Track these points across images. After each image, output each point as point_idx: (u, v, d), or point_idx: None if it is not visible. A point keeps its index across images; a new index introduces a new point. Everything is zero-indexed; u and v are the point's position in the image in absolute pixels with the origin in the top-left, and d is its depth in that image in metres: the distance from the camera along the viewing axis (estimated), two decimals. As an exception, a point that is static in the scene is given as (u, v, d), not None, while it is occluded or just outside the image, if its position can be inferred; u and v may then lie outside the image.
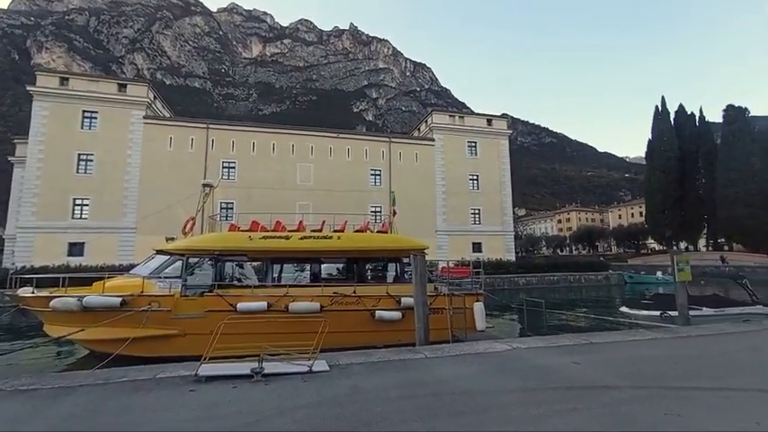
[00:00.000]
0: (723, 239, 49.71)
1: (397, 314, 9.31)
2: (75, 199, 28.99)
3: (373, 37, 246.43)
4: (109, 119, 30.56)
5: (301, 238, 10.24)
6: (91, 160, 29.76)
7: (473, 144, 40.30)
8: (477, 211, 38.81)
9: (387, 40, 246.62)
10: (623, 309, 11.54)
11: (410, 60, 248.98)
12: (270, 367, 4.39)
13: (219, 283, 9.31)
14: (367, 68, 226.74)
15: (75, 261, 26.09)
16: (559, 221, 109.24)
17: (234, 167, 33.44)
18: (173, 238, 10.57)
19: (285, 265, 10.67)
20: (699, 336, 6.50)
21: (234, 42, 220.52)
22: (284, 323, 7.70)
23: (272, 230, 10.86)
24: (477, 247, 37.32)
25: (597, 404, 3.46)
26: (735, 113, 47.99)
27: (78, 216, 28.94)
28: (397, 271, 10.80)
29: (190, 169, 30.99)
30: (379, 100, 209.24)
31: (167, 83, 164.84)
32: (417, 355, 5.39)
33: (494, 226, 38.89)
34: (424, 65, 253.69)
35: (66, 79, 31.05)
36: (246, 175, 33.21)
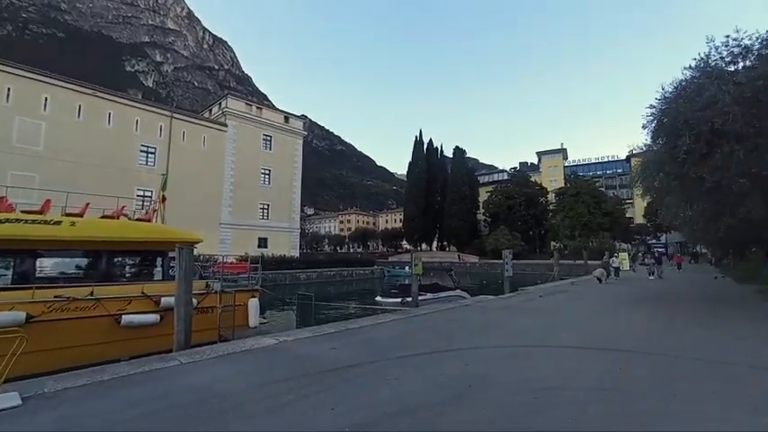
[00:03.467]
0: (446, 242, 68.64)
1: (153, 317, 7.90)
2: None
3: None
4: None
5: (-3, 222, 7.17)
6: None
7: (268, 138, 39.49)
8: (266, 206, 38.17)
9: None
10: (378, 298, 13.98)
11: (210, 32, 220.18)
12: None
13: None
14: (151, 23, 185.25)
15: None
16: (341, 222, 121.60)
17: None
18: None
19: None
20: (421, 315, 8.63)
21: None
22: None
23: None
24: (262, 242, 36.62)
25: (341, 381, 4.00)
26: (458, 153, 67.45)
27: None
28: (163, 267, 9.20)
29: None
30: (165, 66, 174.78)
31: None
32: (170, 363, 4.73)
33: (281, 222, 39.23)
34: (226, 42, 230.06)
35: None
36: None
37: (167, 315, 7.50)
